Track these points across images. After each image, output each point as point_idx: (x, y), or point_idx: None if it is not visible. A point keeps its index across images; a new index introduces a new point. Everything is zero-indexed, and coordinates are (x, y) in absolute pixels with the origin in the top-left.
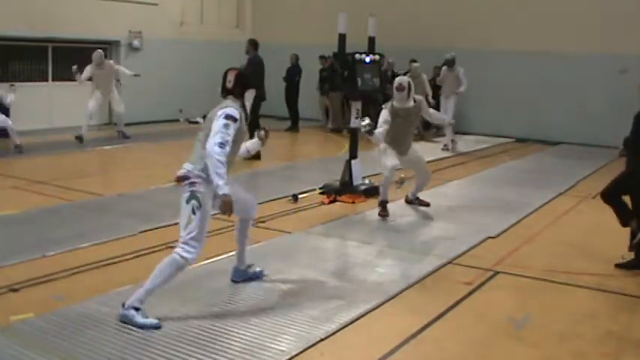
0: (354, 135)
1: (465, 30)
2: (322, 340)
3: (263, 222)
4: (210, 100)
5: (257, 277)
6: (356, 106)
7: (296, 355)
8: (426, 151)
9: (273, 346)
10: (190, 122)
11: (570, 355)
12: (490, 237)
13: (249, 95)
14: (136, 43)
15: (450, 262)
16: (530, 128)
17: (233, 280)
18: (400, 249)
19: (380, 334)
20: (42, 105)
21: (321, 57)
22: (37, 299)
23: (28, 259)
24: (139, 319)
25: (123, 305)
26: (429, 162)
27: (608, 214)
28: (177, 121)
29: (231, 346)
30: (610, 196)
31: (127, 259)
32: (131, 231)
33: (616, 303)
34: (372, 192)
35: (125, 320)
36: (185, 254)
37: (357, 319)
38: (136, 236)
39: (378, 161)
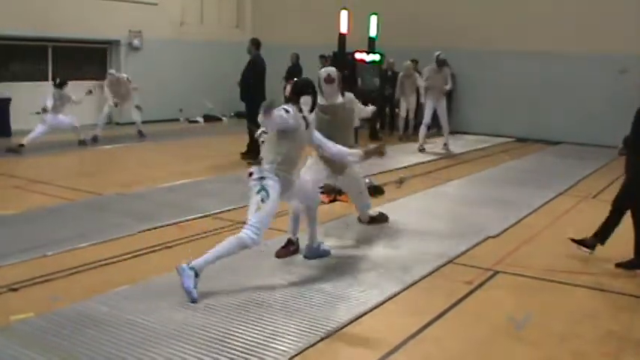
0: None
1: (465, 30)
2: (322, 339)
3: None
4: (211, 99)
5: (326, 254)
6: None
7: (296, 354)
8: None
9: (273, 346)
10: (190, 122)
11: (570, 355)
12: (490, 237)
13: (305, 100)
14: (135, 42)
15: (450, 262)
16: (530, 128)
17: (305, 257)
18: (400, 249)
19: (380, 334)
20: (42, 105)
21: (322, 57)
22: (37, 299)
23: (28, 259)
24: (190, 282)
25: (188, 264)
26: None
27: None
28: (177, 120)
29: (231, 345)
30: (618, 203)
31: (126, 259)
32: (130, 231)
33: (616, 303)
34: (372, 192)
35: (181, 273)
36: (253, 236)
37: (357, 319)
38: (135, 236)
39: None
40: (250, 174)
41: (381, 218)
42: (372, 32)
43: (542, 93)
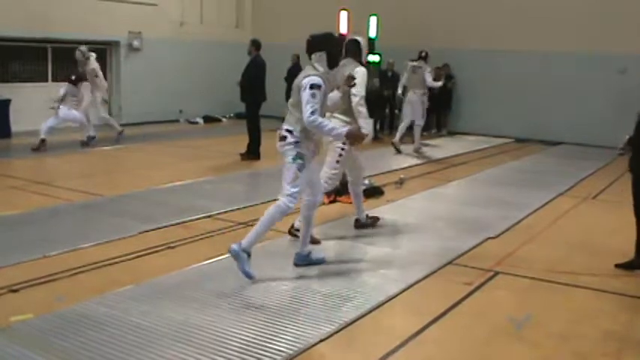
0: None
1: (465, 30)
2: (322, 340)
3: None
4: (211, 100)
5: (319, 262)
6: None
7: (296, 355)
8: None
9: (273, 346)
10: (190, 122)
11: (571, 355)
12: (490, 237)
13: (316, 58)
14: (135, 43)
15: (450, 262)
16: (530, 128)
17: (296, 264)
18: (400, 249)
19: (380, 334)
20: (42, 105)
21: None
22: (37, 299)
23: (28, 259)
24: (246, 265)
25: (239, 245)
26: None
27: (608, 215)
28: (177, 121)
29: (231, 346)
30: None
31: (126, 260)
32: (131, 231)
33: (617, 303)
34: (372, 192)
35: (236, 258)
36: (290, 204)
37: (358, 319)
38: (135, 236)
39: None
40: (283, 137)
41: (373, 222)
42: (372, 33)
43: (542, 93)
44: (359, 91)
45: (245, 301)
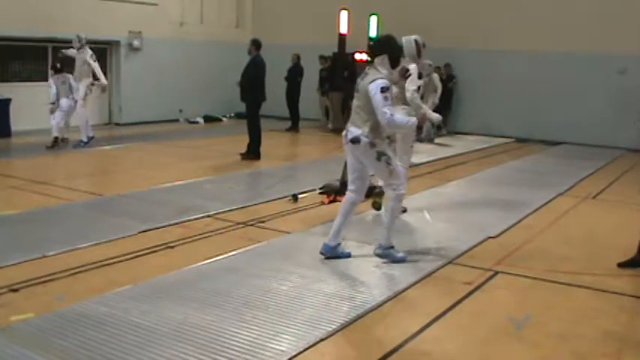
0: None
1: (466, 30)
2: (322, 340)
3: (263, 222)
4: (210, 100)
5: (345, 256)
6: None
7: (296, 355)
8: None
9: (273, 346)
10: (190, 122)
11: (570, 355)
12: (490, 237)
13: (379, 61)
14: (136, 43)
15: (450, 262)
16: (530, 128)
17: (321, 253)
18: (400, 249)
19: (380, 334)
20: (42, 105)
21: (321, 57)
22: (37, 299)
23: (28, 260)
24: (397, 254)
25: (379, 247)
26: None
27: (608, 214)
28: (177, 121)
29: (231, 346)
30: None
31: (127, 259)
32: (131, 231)
33: (616, 303)
34: (372, 192)
35: (386, 257)
36: (403, 191)
37: (357, 319)
38: (135, 236)
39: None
40: (356, 140)
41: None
42: (372, 32)
43: (542, 93)
44: (412, 84)
45: (245, 300)
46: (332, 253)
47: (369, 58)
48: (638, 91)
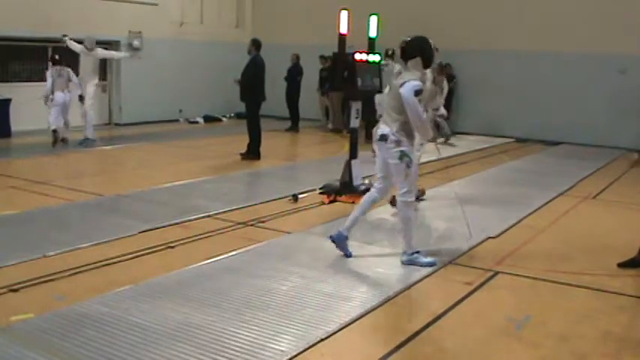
0: (354, 135)
1: (466, 30)
2: (322, 340)
3: (263, 222)
4: (210, 100)
5: (347, 254)
6: (356, 106)
7: (296, 355)
8: None
9: (273, 346)
10: (190, 122)
11: (570, 355)
12: (490, 237)
13: (412, 64)
14: (136, 43)
15: (450, 262)
16: (530, 128)
17: (330, 237)
18: (400, 249)
19: (380, 334)
20: (42, 105)
21: (322, 57)
22: (37, 299)
23: (28, 259)
24: (423, 259)
25: (403, 254)
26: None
27: (608, 214)
28: (177, 121)
29: (231, 346)
30: None
31: (127, 259)
32: (131, 231)
33: (616, 303)
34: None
35: (412, 263)
36: (410, 199)
37: (357, 319)
38: (135, 236)
39: None
40: (384, 137)
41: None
42: (372, 33)
43: (543, 93)
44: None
45: (245, 300)
46: (339, 242)
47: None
48: (638, 91)
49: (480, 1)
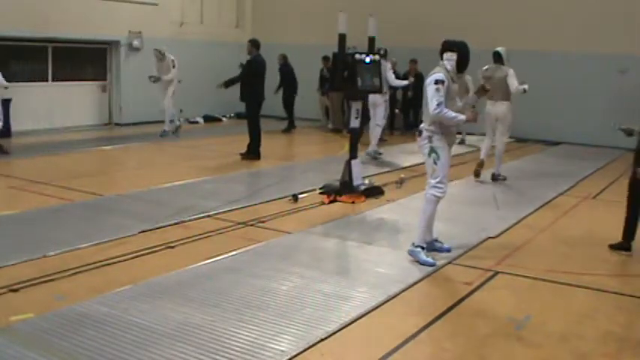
0: (354, 135)
1: (466, 30)
2: (322, 340)
3: (263, 222)
4: (210, 100)
5: (445, 250)
6: (356, 106)
7: (296, 355)
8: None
9: (273, 346)
10: (190, 122)
11: (570, 356)
12: (490, 237)
13: (448, 57)
14: (136, 43)
15: (450, 262)
16: (530, 128)
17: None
18: (400, 249)
19: (380, 334)
20: (42, 105)
21: (325, 58)
22: (37, 299)
23: (28, 259)
24: (422, 256)
25: (413, 245)
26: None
27: (608, 214)
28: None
29: (231, 346)
30: None
31: (127, 259)
32: (131, 231)
33: (616, 303)
34: (372, 192)
35: (413, 256)
36: (438, 194)
37: (357, 319)
38: (135, 236)
39: None
40: (419, 133)
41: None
42: (372, 33)
43: (542, 93)
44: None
45: (245, 300)
46: (431, 248)
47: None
48: (638, 91)
49: (479, 1)
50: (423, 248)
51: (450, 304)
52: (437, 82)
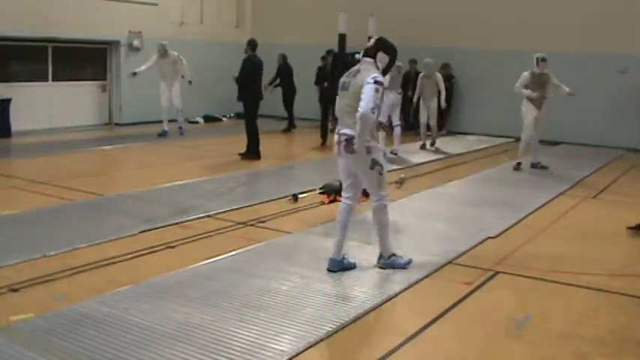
0: None
1: (466, 30)
2: (322, 340)
3: (263, 222)
4: (210, 100)
5: (352, 267)
6: None
7: (296, 355)
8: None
9: (273, 346)
10: (190, 122)
11: (570, 355)
12: (490, 237)
13: (381, 58)
14: (136, 43)
15: (450, 262)
16: None
17: (329, 270)
18: (400, 249)
19: (380, 334)
20: (42, 105)
21: (329, 51)
22: (37, 299)
23: (28, 259)
24: (401, 260)
25: (380, 258)
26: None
27: (608, 214)
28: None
29: (231, 346)
30: None
31: (127, 259)
32: (131, 231)
33: (616, 303)
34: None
35: (391, 266)
36: (386, 202)
37: (357, 319)
38: (135, 236)
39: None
40: (346, 140)
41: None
42: (371, 33)
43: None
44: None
45: (245, 300)
46: (339, 269)
47: (360, 55)
48: (638, 91)
49: (479, 1)
50: (394, 255)
51: (450, 304)
52: (377, 82)
